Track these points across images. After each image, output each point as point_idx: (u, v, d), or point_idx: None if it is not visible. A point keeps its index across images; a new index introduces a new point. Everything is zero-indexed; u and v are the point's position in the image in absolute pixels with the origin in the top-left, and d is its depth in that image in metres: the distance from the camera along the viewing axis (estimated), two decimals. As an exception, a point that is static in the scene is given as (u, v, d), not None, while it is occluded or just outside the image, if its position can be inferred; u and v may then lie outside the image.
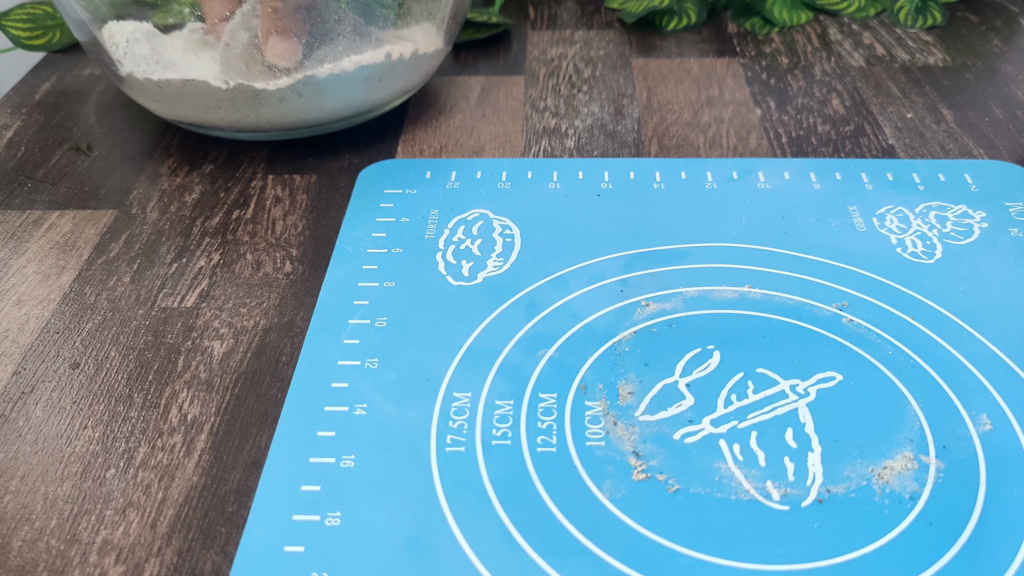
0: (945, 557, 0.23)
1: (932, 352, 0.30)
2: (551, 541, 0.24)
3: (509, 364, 0.30)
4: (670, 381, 0.29)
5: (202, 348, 0.31)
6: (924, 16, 0.55)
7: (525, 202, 0.38)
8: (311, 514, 0.25)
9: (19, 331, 0.32)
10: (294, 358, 0.31)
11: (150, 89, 0.39)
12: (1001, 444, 0.26)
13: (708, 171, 0.40)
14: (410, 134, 0.44)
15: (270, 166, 0.41)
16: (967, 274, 0.33)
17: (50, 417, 0.29)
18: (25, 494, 0.26)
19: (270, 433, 0.28)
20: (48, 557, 0.25)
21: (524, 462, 0.26)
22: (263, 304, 0.33)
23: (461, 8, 0.42)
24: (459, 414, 0.28)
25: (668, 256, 0.35)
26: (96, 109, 0.47)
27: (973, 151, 0.41)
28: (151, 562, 0.24)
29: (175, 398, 0.29)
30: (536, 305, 0.32)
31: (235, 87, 0.38)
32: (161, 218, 0.38)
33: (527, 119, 0.45)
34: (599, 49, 0.52)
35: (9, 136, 0.45)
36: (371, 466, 0.26)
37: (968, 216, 0.36)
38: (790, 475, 0.26)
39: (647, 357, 0.30)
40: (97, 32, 0.39)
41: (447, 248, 0.35)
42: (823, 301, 0.32)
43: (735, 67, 0.50)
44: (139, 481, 0.27)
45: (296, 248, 0.36)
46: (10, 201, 0.39)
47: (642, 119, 0.45)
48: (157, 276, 0.35)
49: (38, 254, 0.36)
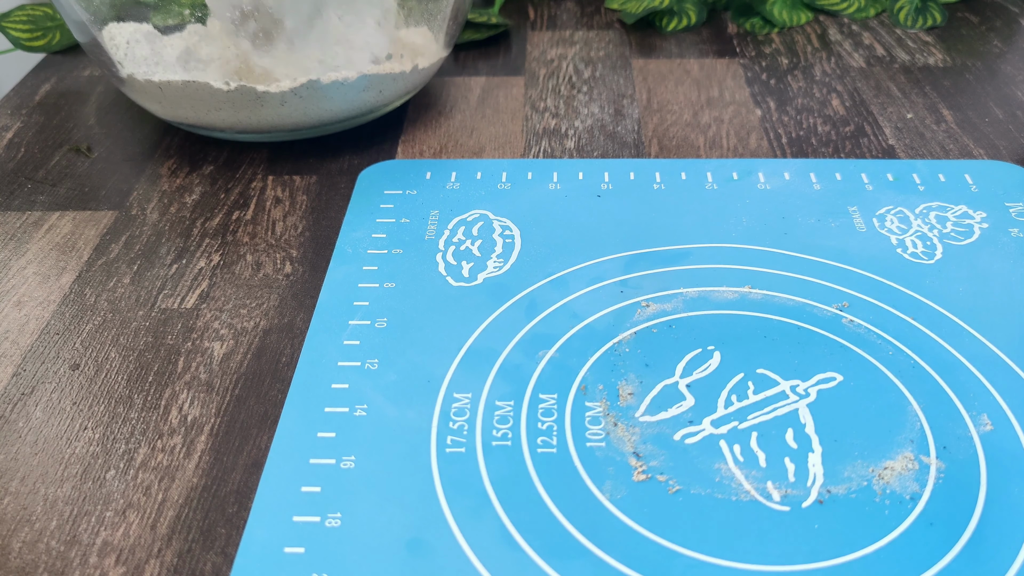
0: (946, 558, 0.23)
1: (932, 352, 0.30)
2: (551, 542, 0.24)
3: (509, 365, 0.30)
4: (670, 382, 0.29)
5: (202, 349, 0.31)
6: (924, 16, 0.55)
7: (525, 203, 0.38)
8: (311, 515, 0.25)
9: (19, 332, 0.32)
10: (294, 359, 0.31)
11: (150, 90, 0.39)
12: (1002, 444, 0.26)
13: (708, 172, 0.40)
14: (410, 135, 0.44)
15: (270, 167, 0.41)
16: (967, 274, 0.33)
17: (50, 418, 0.29)
18: (25, 495, 0.26)
19: (270, 434, 0.28)
20: (48, 558, 0.25)
21: (524, 463, 0.26)
22: (263, 305, 0.33)
23: (461, 9, 0.42)
24: (459, 415, 0.28)
25: (668, 257, 0.35)
26: (96, 110, 0.47)
27: (973, 151, 0.41)
28: (151, 563, 0.24)
29: (175, 399, 0.29)
30: (536, 306, 0.32)
31: (236, 89, 0.38)
32: (161, 219, 0.38)
33: (527, 120, 0.45)
34: (599, 50, 0.52)
35: (9, 137, 0.45)
36: (371, 467, 0.26)
37: (968, 216, 0.36)
38: (790, 476, 0.26)
39: (647, 358, 0.30)
40: (97, 33, 0.39)
41: (447, 249, 0.35)
42: (823, 302, 0.32)
43: (735, 68, 0.50)
44: (139, 482, 0.27)
45: (296, 249, 0.36)
46: (10, 202, 0.39)
47: (642, 120, 0.45)
48: (157, 277, 0.35)
49: (38, 255, 0.36)
